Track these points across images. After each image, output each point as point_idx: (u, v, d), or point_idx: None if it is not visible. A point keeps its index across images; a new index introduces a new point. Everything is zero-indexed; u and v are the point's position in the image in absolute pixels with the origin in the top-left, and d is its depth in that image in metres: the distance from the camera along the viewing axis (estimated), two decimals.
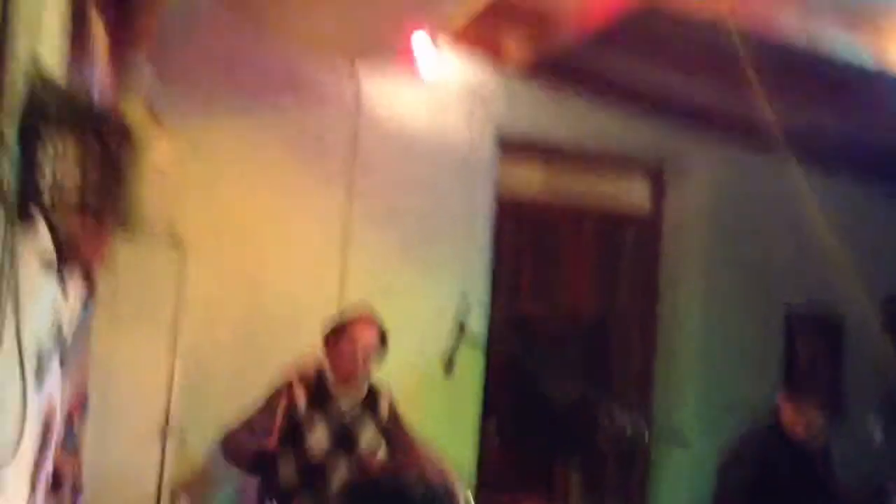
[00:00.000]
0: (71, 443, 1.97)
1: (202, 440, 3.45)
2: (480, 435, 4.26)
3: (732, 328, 5.08)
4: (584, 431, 3.79)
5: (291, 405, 3.05)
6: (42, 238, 1.53)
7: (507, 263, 4.64)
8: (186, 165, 3.42)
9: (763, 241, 5.16)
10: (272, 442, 3.01)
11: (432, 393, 4.04)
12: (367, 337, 3.17)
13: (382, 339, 3.24)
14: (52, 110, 1.42)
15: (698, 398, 5.00)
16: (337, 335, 3.16)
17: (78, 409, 2.21)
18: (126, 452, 2.89)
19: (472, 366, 4.15)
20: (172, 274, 3.01)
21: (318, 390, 3.13)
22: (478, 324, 3.89)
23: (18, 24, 1.34)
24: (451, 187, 4.09)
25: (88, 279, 2.49)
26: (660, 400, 5.09)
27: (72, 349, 2.20)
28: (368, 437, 3.23)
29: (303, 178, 3.73)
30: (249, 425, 3.03)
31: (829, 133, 4.32)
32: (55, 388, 1.91)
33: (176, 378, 3.02)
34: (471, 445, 4.22)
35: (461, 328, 3.18)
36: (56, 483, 1.88)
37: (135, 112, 2.87)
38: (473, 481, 4.18)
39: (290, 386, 3.09)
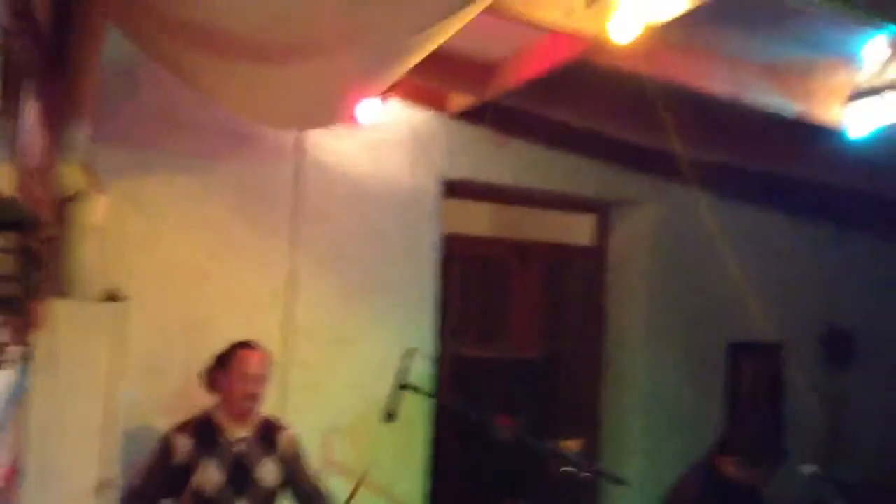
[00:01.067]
0: None
1: None
2: (430, 476, 4.31)
3: (677, 355, 5.21)
4: (531, 468, 3.86)
5: (172, 451, 3.12)
6: None
7: (454, 305, 4.71)
8: (127, 222, 3.45)
9: (703, 272, 5.30)
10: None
11: (381, 437, 4.08)
12: (254, 364, 3.23)
13: (268, 365, 3.30)
14: None
15: (645, 423, 5.11)
16: (223, 367, 3.22)
17: (12, 476, 2.21)
18: None
19: (419, 408, 4.21)
20: (112, 330, 3.01)
21: (205, 431, 3.17)
22: (424, 368, 3.95)
23: None
24: (396, 232, 4.15)
25: (24, 345, 2.50)
26: (609, 428, 5.19)
27: (7, 416, 2.21)
28: (265, 471, 3.24)
29: (246, 229, 3.75)
30: (139, 493, 3.09)
31: (757, 172, 4.48)
32: None
33: (113, 434, 3.02)
34: (420, 486, 4.27)
35: (402, 385, 3.23)
36: None
37: (72, 173, 2.90)
38: None
39: (166, 441, 3.15)
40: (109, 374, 3.01)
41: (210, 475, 3.11)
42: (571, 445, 5.10)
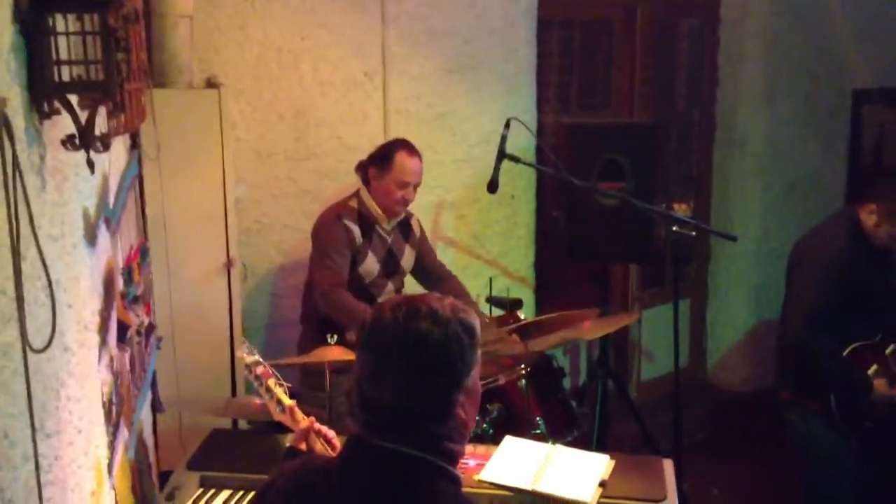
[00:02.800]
0: (132, 293, 2.13)
1: (263, 272, 3.68)
2: (536, 243, 4.37)
3: (798, 106, 4.93)
4: (639, 233, 3.85)
5: (351, 239, 3.15)
6: (65, 119, 1.58)
7: (554, 72, 4.54)
8: (214, 8, 3.39)
9: (827, 15, 4.87)
10: (344, 277, 3.12)
11: (487, 210, 4.13)
12: (413, 172, 3.18)
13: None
14: None
15: (761, 185, 4.97)
16: (383, 165, 3.17)
17: (136, 258, 2.36)
18: (194, 291, 3.09)
19: (523, 181, 4.20)
20: (214, 118, 3.06)
21: (365, 221, 3.19)
22: (525, 138, 3.87)
23: None
24: (489, 1, 3.93)
25: (131, 139, 2.58)
26: (720, 192, 5.08)
27: (122, 207, 2.32)
28: (406, 257, 3.36)
29: (335, 8, 3.61)
30: (331, 268, 3.08)
31: None
32: (107, 247, 2.05)
33: (231, 216, 3.16)
34: (527, 257, 4.36)
35: (503, 154, 3.18)
36: (121, 333, 2.06)
37: None
38: (533, 285, 4.36)
39: (339, 221, 3.15)
40: (220, 159, 3.10)
41: (370, 264, 3.21)
42: (680, 209, 5.04)
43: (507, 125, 3.26)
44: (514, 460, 2.33)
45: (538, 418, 2.88)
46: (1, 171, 1.11)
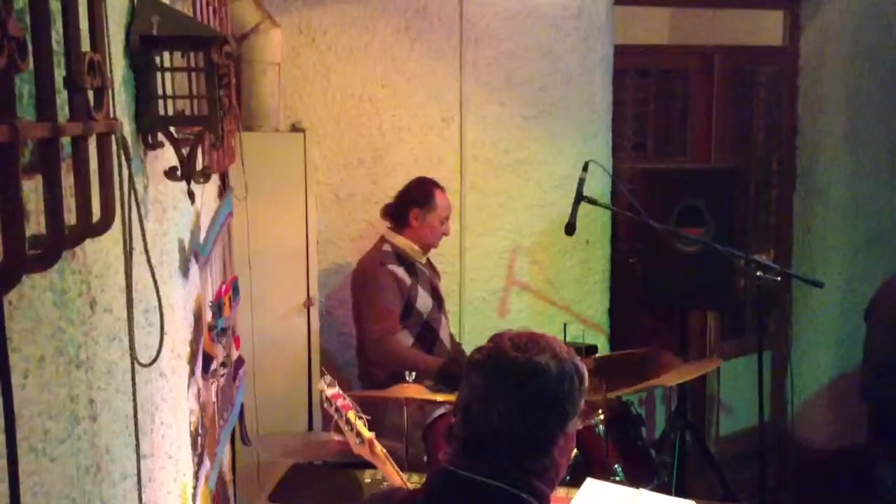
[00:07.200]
0: (220, 326, 2.18)
1: (339, 312, 3.72)
2: (611, 289, 4.33)
3: (881, 154, 4.81)
4: (719, 280, 3.78)
5: (400, 282, 3.21)
6: (167, 152, 1.65)
7: (631, 120, 4.54)
8: (300, 56, 3.52)
9: None
10: (398, 324, 3.20)
11: (562, 255, 4.12)
12: (448, 206, 3.36)
13: None
14: (157, 28, 1.51)
15: (842, 235, 4.83)
16: (426, 205, 3.28)
17: (228, 292, 2.42)
18: (274, 326, 3.15)
19: (599, 226, 4.18)
20: (299, 161, 3.15)
21: (405, 262, 3.28)
22: (602, 183, 3.87)
23: None
24: (566, 48, 3.96)
25: (221, 178, 2.66)
26: (801, 241, 4.96)
27: (214, 243, 2.39)
28: (442, 291, 3.48)
29: (414, 56, 3.71)
30: (384, 317, 3.18)
31: None
32: (197, 281, 2.11)
33: (312, 256, 3.23)
34: (602, 302, 4.31)
35: (581, 196, 3.19)
36: (206, 365, 2.10)
37: (244, 7, 2.96)
38: (607, 332, 4.30)
39: (383, 267, 3.22)
40: (303, 200, 3.19)
41: (424, 298, 3.30)
42: (762, 256, 4.93)
43: (585, 168, 3.27)
44: (598, 502, 2.28)
45: (617, 465, 2.82)
46: (118, 192, 1.16)
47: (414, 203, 3.30)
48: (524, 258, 4.07)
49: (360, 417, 2.02)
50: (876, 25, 4.70)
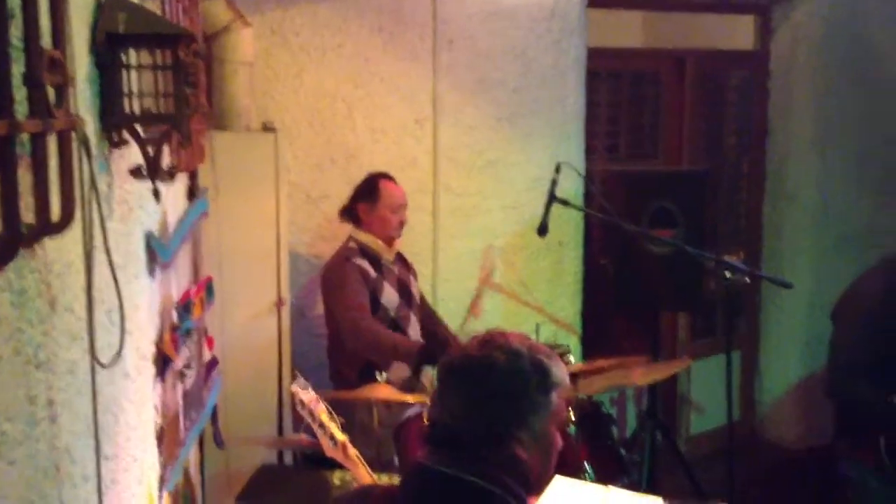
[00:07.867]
0: (186, 327, 2.16)
1: (311, 314, 3.70)
2: (584, 291, 4.35)
3: (849, 158, 4.87)
4: (689, 281, 3.81)
5: (365, 274, 3.21)
6: (133, 150, 1.64)
7: (603, 121, 4.57)
8: (272, 56, 3.50)
9: (882, 72, 4.84)
10: (369, 310, 3.17)
11: (535, 256, 4.13)
12: (400, 195, 3.32)
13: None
14: (124, 26, 1.49)
15: (812, 237, 4.89)
16: (371, 198, 3.27)
17: (201, 293, 2.40)
18: (244, 328, 3.13)
19: (571, 227, 4.20)
20: (270, 161, 3.14)
21: (370, 257, 3.27)
22: (574, 184, 3.89)
23: None
24: (539, 50, 3.98)
25: (191, 178, 2.64)
26: (771, 243, 5.01)
27: (180, 242, 2.37)
28: (415, 287, 3.44)
29: (388, 57, 3.70)
30: (354, 305, 3.14)
31: None
32: (163, 281, 2.09)
33: (283, 256, 3.21)
34: (574, 303, 4.33)
35: (553, 197, 3.20)
36: (165, 364, 2.08)
37: (215, 7, 2.94)
38: (579, 333, 4.32)
39: (348, 262, 3.21)
40: (274, 201, 3.17)
41: (390, 293, 3.28)
42: (732, 258, 4.98)
43: (558, 169, 3.29)
44: (568, 501, 2.29)
45: (587, 464, 2.83)
46: (78, 190, 1.15)
47: (359, 198, 3.32)
48: (497, 259, 4.07)
49: (333, 420, 2.01)
50: (846, 30, 4.77)
